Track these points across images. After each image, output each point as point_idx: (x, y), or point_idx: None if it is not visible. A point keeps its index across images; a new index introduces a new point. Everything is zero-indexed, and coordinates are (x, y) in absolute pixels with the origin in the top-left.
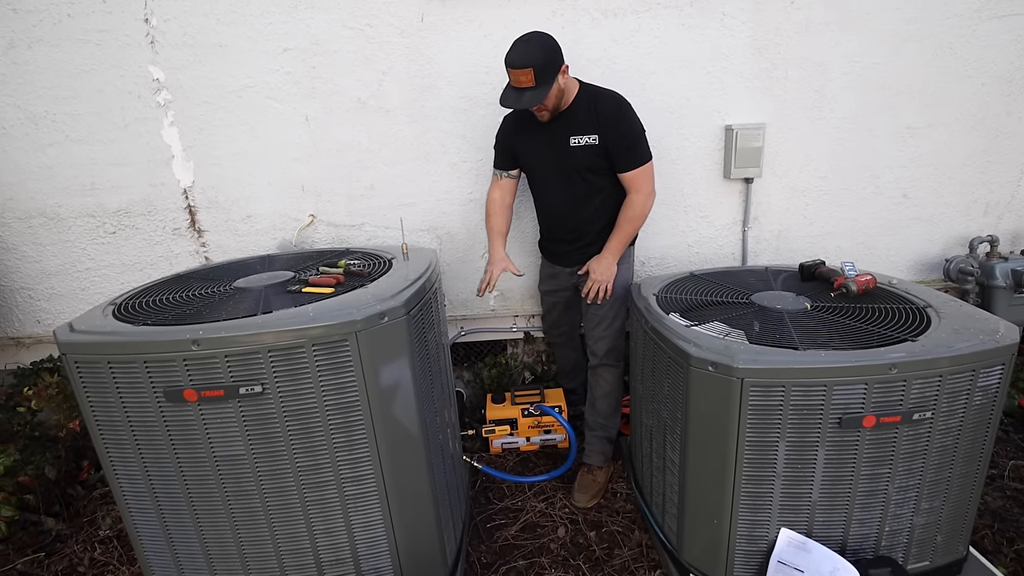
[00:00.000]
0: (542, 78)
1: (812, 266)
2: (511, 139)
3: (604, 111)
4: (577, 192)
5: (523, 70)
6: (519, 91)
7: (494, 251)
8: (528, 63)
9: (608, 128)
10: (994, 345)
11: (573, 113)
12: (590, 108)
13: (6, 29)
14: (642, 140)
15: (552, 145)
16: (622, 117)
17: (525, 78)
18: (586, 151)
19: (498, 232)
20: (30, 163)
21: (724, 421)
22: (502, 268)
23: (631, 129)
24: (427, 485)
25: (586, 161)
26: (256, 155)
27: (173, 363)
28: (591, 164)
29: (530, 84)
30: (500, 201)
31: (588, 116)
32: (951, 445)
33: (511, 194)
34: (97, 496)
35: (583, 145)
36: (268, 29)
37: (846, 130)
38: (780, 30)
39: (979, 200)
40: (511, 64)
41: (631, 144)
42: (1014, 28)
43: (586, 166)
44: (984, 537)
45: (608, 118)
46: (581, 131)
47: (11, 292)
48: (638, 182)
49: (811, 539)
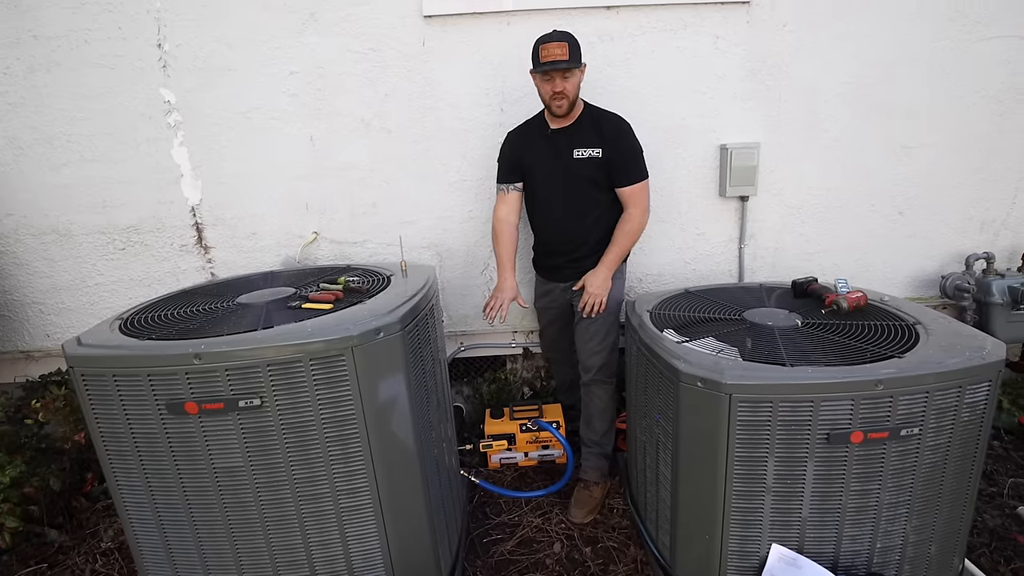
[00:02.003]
0: (574, 54)
1: (805, 283)
2: (519, 151)
3: (608, 127)
4: (577, 204)
5: (559, 43)
6: (554, 62)
7: (504, 279)
8: (563, 39)
9: (611, 143)
10: (980, 362)
11: (579, 127)
12: (594, 124)
13: (26, 54)
14: (641, 158)
15: (557, 156)
16: (623, 134)
17: (559, 51)
18: (589, 163)
19: (507, 257)
20: (45, 182)
21: (714, 436)
22: (511, 298)
23: (631, 146)
24: (422, 499)
25: (589, 173)
26: (262, 174)
27: (175, 376)
28: (593, 176)
29: (564, 57)
30: (507, 219)
31: (593, 131)
32: (940, 461)
33: (516, 211)
34: (100, 508)
35: (586, 157)
36: (275, 53)
37: (840, 149)
38: (773, 52)
39: (975, 217)
40: (547, 39)
41: (631, 160)
42: (1003, 50)
43: (588, 178)
44: (981, 556)
45: (611, 134)
46: (586, 144)
47: (23, 306)
48: (636, 197)
49: (802, 555)
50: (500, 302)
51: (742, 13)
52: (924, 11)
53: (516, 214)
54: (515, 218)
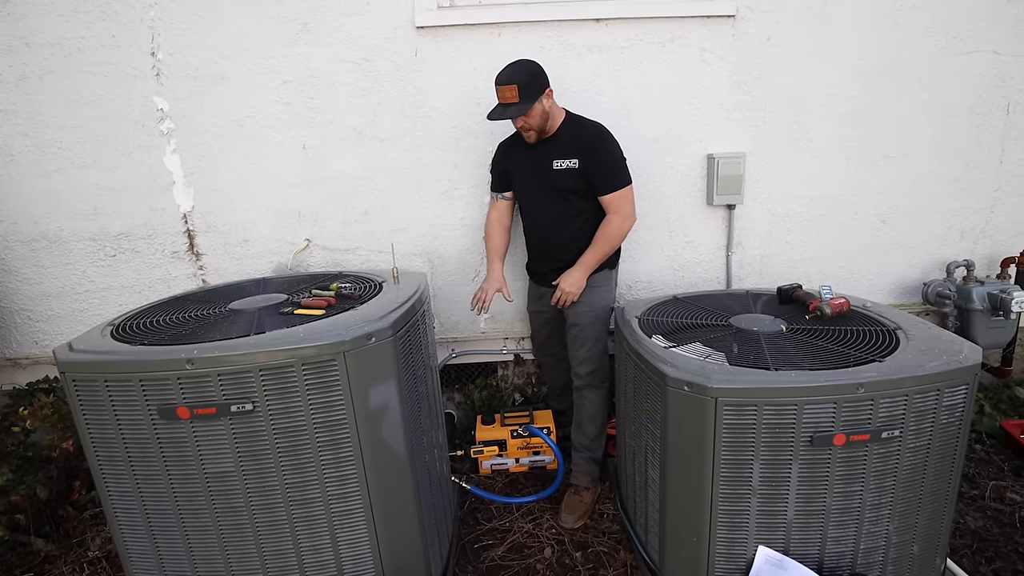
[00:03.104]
0: (525, 95)
1: (790, 290)
2: (504, 161)
3: (584, 138)
4: (559, 212)
5: (508, 86)
6: (504, 106)
7: (491, 270)
8: (512, 80)
9: (587, 153)
10: (957, 365)
11: (557, 139)
12: (573, 135)
13: (18, 62)
14: (621, 166)
15: (538, 168)
16: (599, 143)
17: (510, 93)
18: (567, 174)
19: (496, 251)
20: (35, 188)
21: (700, 440)
22: (496, 288)
23: (609, 154)
24: (412, 504)
25: (567, 183)
26: (255, 182)
27: (167, 381)
28: (572, 186)
29: (514, 100)
30: (498, 221)
31: (570, 142)
32: (921, 463)
33: (508, 215)
34: (87, 517)
35: (564, 168)
36: (269, 63)
37: (824, 159)
38: (758, 65)
39: (955, 226)
40: (498, 82)
41: (609, 168)
42: (977, 64)
43: (567, 188)
44: (964, 557)
45: (587, 144)
46: (564, 155)
47: (10, 313)
48: (616, 204)
49: (788, 557)
50: (484, 292)
51: (728, 27)
52: (902, 26)
53: (508, 218)
54: (507, 221)
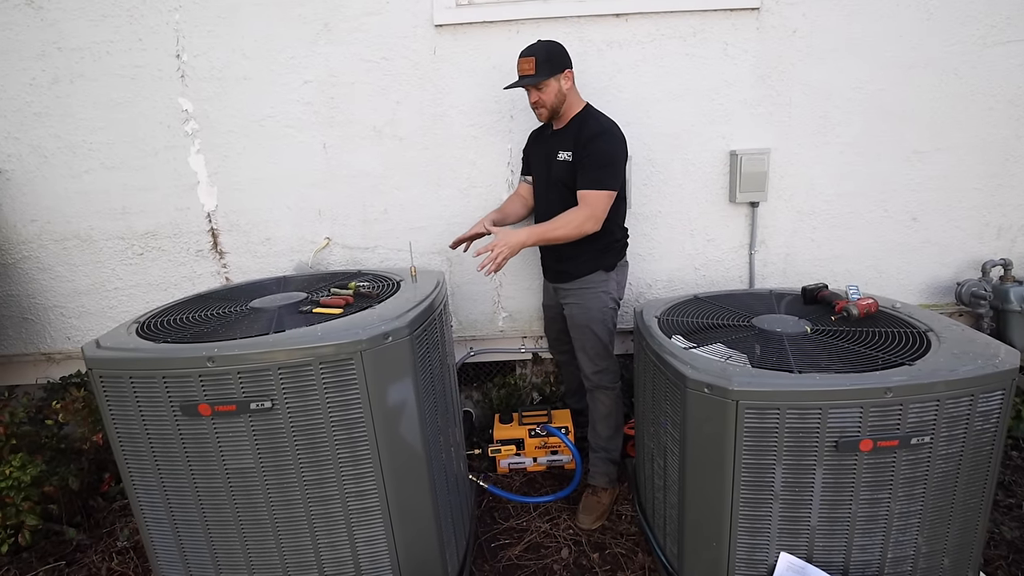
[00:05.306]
0: (541, 68)
1: (815, 289)
2: (529, 147)
3: (585, 132)
4: (555, 205)
5: (527, 58)
6: (521, 76)
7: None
8: (532, 53)
9: (581, 147)
10: (993, 370)
11: (567, 130)
12: (578, 128)
13: (51, 66)
14: (607, 167)
15: (547, 157)
16: (595, 140)
17: (527, 65)
18: (564, 166)
19: (498, 209)
20: (67, 189)
21: (721, 443)
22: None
23: (598, 153)
24: (429, 502)
25: (563, 175)
26: (276, 181)
27: (189, 379)
28: (567, 179)
29: (530, 72)
30: (517, 193)
31: (574, 135)
32: (953, 471)
33: (530, 196)
34: (116, 508)
35: (563, 160)
36: (290, 63)
37: (852, 154)
38: (783, 58)
39: (991, 223)
40: (521, 54)
41: (592, 165)
42: (1018, 53)
43: (564, 180)
44: (999, 568)
45: (584, 138)
46: (565, 147)
47: (44, 310)
48: (586, 200)
49: (811, 564)
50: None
51: (752, 20)
52: (935, 15)
53: (529, 198)
54: (528, 200)
